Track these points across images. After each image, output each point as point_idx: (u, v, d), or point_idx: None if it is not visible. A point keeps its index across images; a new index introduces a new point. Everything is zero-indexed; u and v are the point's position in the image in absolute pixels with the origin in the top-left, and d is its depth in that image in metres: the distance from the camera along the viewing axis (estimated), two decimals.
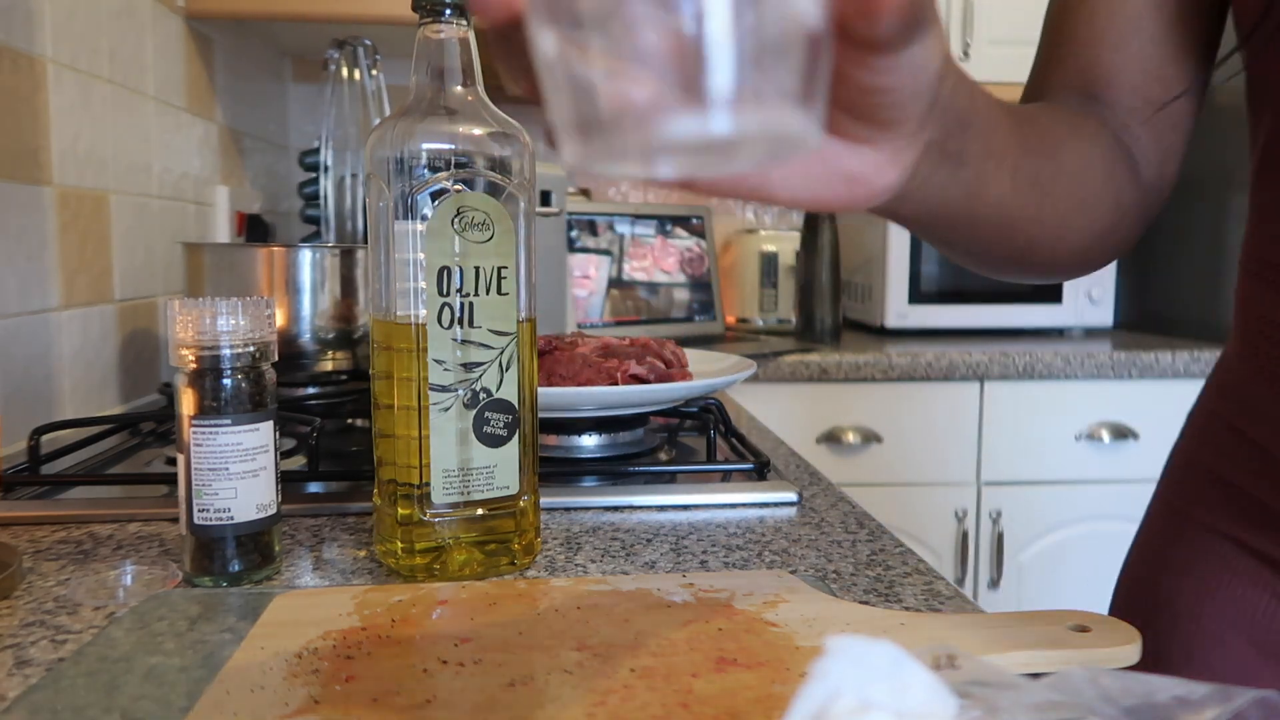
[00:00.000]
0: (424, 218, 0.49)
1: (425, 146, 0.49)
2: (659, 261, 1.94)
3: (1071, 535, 1.65)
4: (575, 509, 0.66)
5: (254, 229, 1.42)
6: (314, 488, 0.69)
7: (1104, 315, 1.85)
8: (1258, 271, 0.55)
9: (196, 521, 0.51)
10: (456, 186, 0.49)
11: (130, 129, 1.07)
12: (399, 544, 0.51)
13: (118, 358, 1.03)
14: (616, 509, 0.66)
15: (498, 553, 0.53)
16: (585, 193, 2.03)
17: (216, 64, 1.37)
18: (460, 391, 0.50)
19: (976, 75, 2.22)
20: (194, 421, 0.50)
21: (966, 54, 1.88)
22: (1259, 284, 0.54)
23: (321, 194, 1.34)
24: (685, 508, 0.67)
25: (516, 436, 0.52)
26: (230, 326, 0.50)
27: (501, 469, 0.52)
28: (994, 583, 1.63)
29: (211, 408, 0.50)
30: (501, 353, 0.51)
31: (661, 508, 0.66)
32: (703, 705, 0.36)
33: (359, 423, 0.90)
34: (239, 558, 0.51)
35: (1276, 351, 0.52)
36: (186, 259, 0.99)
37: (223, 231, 1.34)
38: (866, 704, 0.20)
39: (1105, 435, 1.63)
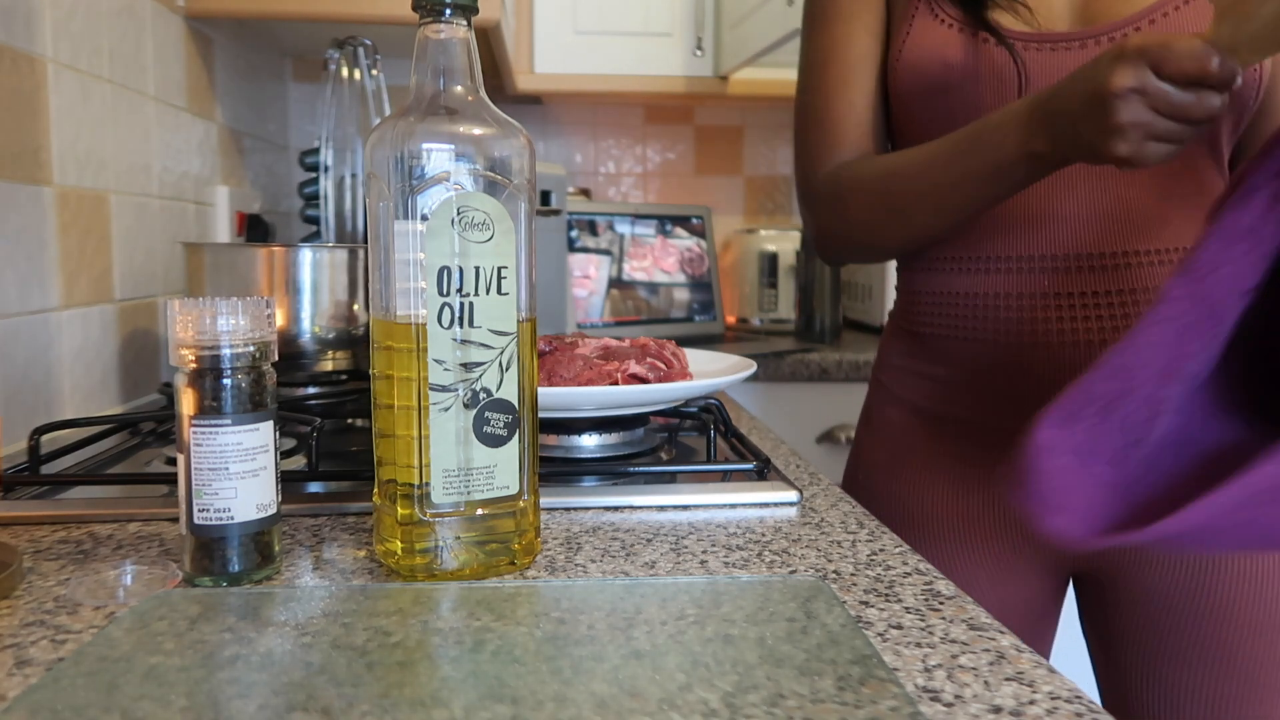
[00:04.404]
0: (424, 218, 0.49)
1: (425, 146, 0.49)
2: (659, 261, 1.94)
3: None
4: (575, 509, 0.66)
5: (254, 229, 1.42)
6: (314, 488, 0.69)
7: None
8: None
9: (196, 521, 0.51)
10: (456, 186, 0.49)
11: (130, 129, 1.07)
12: (399, 544, 0.51)
13: (118, 358, 1.03)
14: (616, 509, 0.66)
15: (498, 553, 0.53)
16: (585, 193, 2.03)
17: (216, 64, 1.37)
18: (460, 391, 0.50)
19: None
20: (194, 421, 0.50)
21: None
22: None
23: (321, 194, 1.34)
24: (685, 508, 0.67)
25: (516, 436, 0.52)
26: (230, 326, 0.50)
27: (501, 469, 0.52)
28: None
29: (211, 408, 0.50)
30: (501, 353, 0.51)
31: (661, 508, 0.67)
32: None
33: (359, 423, 0.90)
34: (239, 558, 0.51)
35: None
36: (186, 259, 0.99)
37: (223, 231, 1.34)
38: None
39: None
